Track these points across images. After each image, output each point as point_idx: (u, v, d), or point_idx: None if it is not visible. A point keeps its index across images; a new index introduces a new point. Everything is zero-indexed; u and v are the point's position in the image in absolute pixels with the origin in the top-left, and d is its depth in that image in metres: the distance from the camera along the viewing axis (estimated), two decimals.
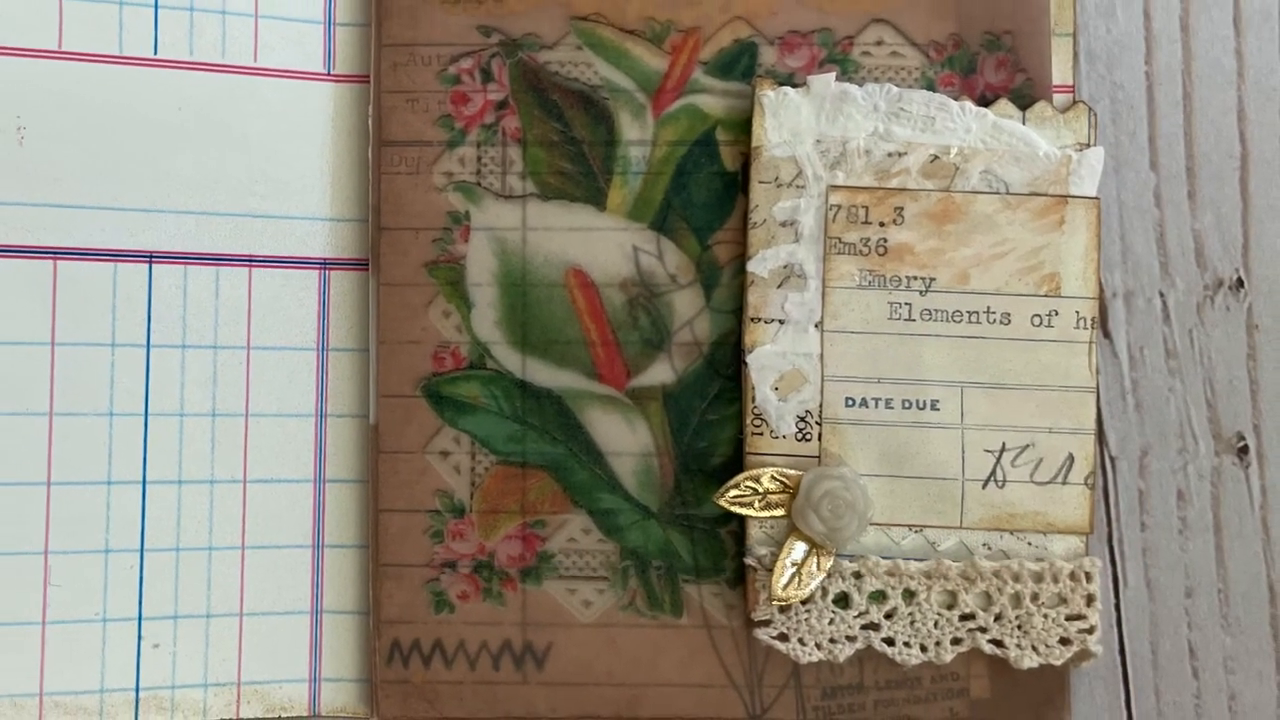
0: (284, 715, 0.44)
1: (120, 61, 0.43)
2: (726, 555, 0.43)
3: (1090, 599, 0.42)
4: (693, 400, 0.44)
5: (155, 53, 0.43)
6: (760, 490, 0.42)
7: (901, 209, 0.42)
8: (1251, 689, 0.44)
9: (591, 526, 0.43)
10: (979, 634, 0.42)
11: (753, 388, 0.42)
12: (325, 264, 0.45)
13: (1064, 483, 0.42)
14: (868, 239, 0.42)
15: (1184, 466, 0.45)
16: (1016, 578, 0.42)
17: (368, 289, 0.44)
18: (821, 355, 0.42)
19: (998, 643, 0.42)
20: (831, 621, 0.42)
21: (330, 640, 0.44)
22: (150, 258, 0.43)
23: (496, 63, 0.44)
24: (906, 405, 0.42)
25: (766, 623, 0.42)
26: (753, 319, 0.42)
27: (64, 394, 0.42)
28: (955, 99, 0.42)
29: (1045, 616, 0.42)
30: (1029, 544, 0.42)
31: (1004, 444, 0.42)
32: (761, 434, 0.42)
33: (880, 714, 0.43)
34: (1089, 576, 0.42)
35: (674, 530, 0.43)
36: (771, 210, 0.42)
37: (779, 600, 0.41)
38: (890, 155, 0.42)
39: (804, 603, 0.42)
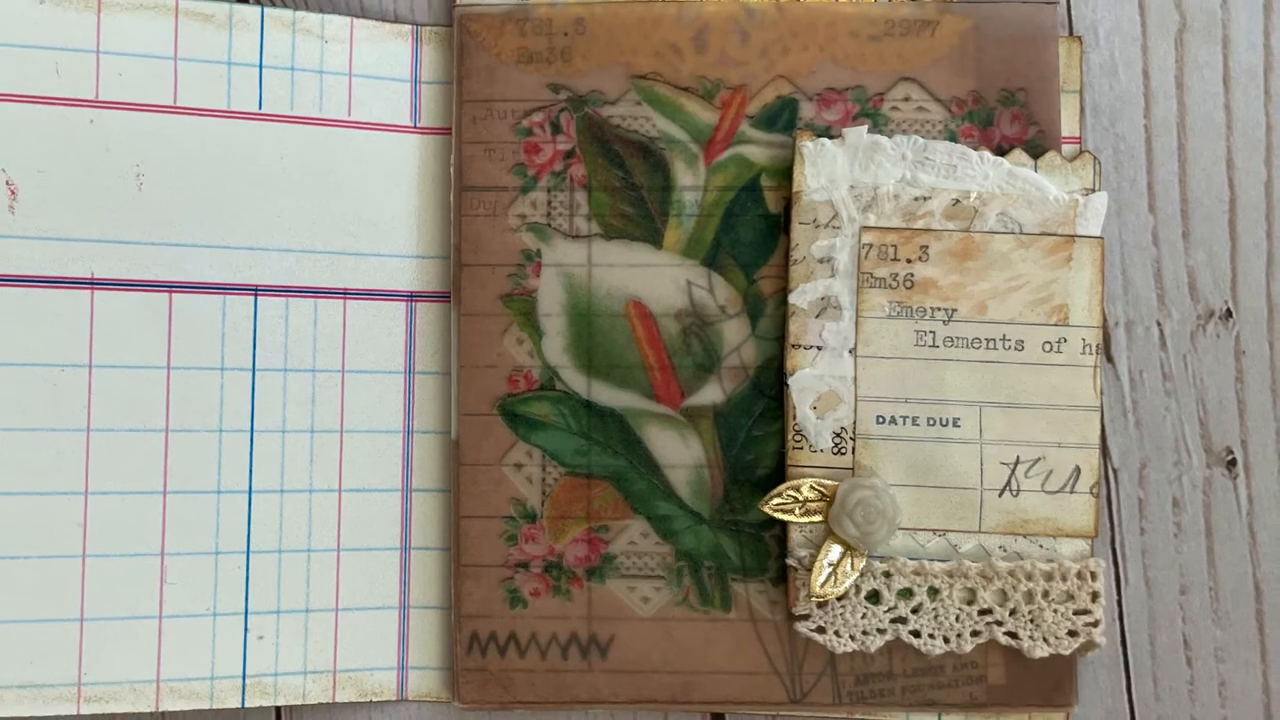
0: (375, 700, 0.44)
1: (228, 115, 0.43)
2: (770, 556, 0.44)
3: (1095, 596, 0.42)
4: (740, 418, 0.44)
5: (260, 108, 0.44)
6: (800, 499, 0.42)
7: (927, 247, 0.42)
8: (1239, 677, 0.45)
9: (650, 531, 0.44)
10: (996, 627, 0.42)
11: (794, 407, 0.43)
12: (412, 296, 0.45)
13: (1071, 492, 0.42)
14: (896, 274, 0.42)
15: (1179, 477, 0.45)
16: (1029, 577, 0.42)
17: (450, 319, 0.45)
18: (855, 378, 0.42)
19: (1012, 635, 0.42)
20: (864, 616, 0.42)
21: (416, 632, 0.44)
22: (255, 291, 0.44)
23: (565, 117, 0.44)
24: (931, 423, 0.42)
25: (806, 617, 0.42)
26: (794, 346, 0.43)
27: (178, 412, 0.43)
28: (975, 149, 0.43)
29: (1055, 611, 0.42)
30: (1040, 546, 0.42)
31: (1018, 457, 0.42)
32: (801, 448, 0.42)
33: (907, 699, 0.43)
34: (1094, 576, 0.42)
35: (723, 534, 0.44)
36: (810, 248, 0.43)
37: (817, 597, 0.42)
38: (916, 199, 0.42)
39: (839, 599, 0.42)
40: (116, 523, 0.42)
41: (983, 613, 0.42)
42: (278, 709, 0.44)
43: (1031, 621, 0.42)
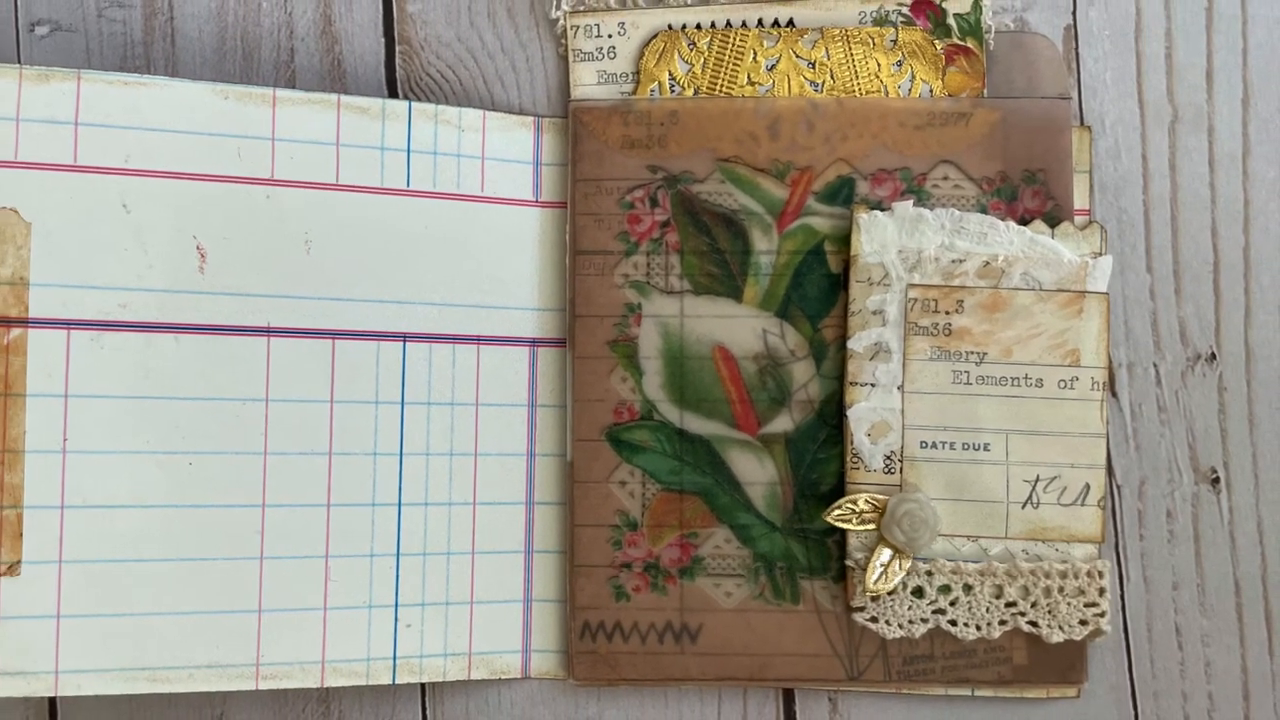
0: (503, 677, 0.46)
1: (381, 191, 0.45)
2: (832, 558, 0.46)
3: (1102, 591, 0.44)
4: (807, 444, 0.46)
5: (408, 185, 0.45)
6: (857, 510, 0.44)
7: (962, 301, 0.44)
8: (1222, 658, 0.47)
9: (732, 537, 0.46)
10: (1019, 617, 0.44)
11: (852, 434, 0.45)
12: (534, 342, 0.47)
13: (1082, 505, 0.44)
14: (937, 324, 0.44)
15: (1172, 493, 0.47)
16: (1047, 575, 0.44)
17: (565, 361, 0.47)
18: (902, 410, 0.44)
19: (1033, 624, 0.44)
20: (910, 608, 0.44)
21: (538, 621, 0.47)
22: (404, 338, 0.45)
23: (661, 193, 0.46)
24: (965, 447, 0.44)
25: (862, 609, 0.45)
26: (851, 383, 0.45)
27: (340, 439, 0.45)
28: (1002, 220, 0.45)
29: (1068, 604, 0.44)
30: (1056, 550, 0.44)
31: (1038, 476, 0.44)
32: (858, 468, 0.45)
33: (946, 676, 0.45)
34: (1101, 574, 0.44)
35: (793, 540, 0.46)
36: (865, 302, 0.45)
37: (871, 592, 0.44)
38: (954, 261, 0.44)
39: (890, 594, 0.44)
40: (288, 530, 0.44)
41: (1009, 605, 0.44)
42: (423, 685, 0.47)
43: (1049, 612, 0.44)
